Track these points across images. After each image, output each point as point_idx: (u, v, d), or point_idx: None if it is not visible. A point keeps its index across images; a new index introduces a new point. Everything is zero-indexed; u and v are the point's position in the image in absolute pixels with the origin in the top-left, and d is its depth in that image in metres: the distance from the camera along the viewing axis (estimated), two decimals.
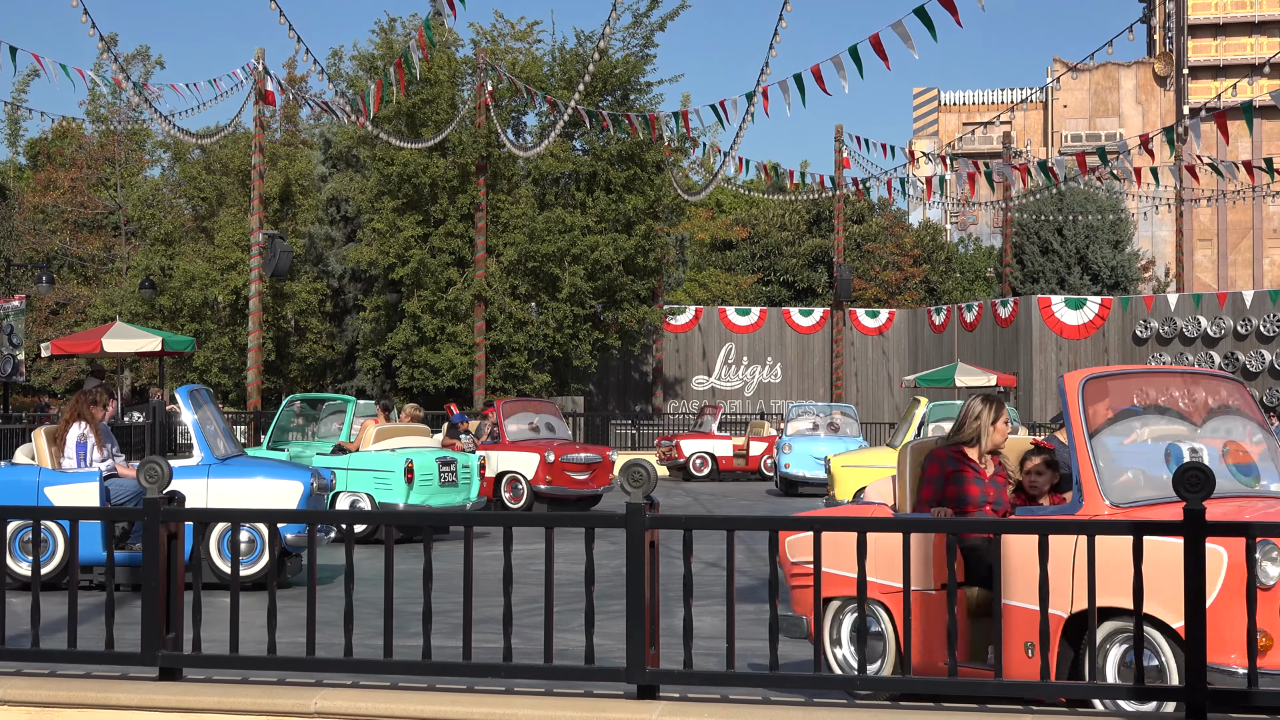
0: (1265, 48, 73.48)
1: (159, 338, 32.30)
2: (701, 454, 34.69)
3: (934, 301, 58.55)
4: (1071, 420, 7.44)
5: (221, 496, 13.66)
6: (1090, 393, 7.52)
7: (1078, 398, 7.45)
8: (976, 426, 8.14)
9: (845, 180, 45.46)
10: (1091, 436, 7.38)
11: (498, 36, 43.87)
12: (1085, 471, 7.30)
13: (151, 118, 34.72)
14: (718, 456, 34.57)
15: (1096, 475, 7.28)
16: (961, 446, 8.14)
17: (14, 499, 13.14)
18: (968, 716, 6.31)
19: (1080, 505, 7.28)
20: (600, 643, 7.11)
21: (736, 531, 6.91)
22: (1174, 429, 7.73)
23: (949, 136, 75.13)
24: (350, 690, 6.95)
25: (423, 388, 40.87)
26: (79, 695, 6.99)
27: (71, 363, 46.55)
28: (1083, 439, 7.36)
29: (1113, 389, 7.76)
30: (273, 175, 45.19)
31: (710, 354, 49.59)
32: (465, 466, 19.96)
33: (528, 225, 41.46)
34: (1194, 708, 6.18)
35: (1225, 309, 42.28)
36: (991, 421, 8.13)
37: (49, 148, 57.54)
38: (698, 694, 6.89)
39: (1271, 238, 75.58)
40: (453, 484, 19.49)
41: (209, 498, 13.65)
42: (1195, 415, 7.81)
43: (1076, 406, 7.43)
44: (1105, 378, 7.77)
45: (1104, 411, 7.57)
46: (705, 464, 34.59)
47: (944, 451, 8.12)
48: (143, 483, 7.29)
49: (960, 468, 8.04)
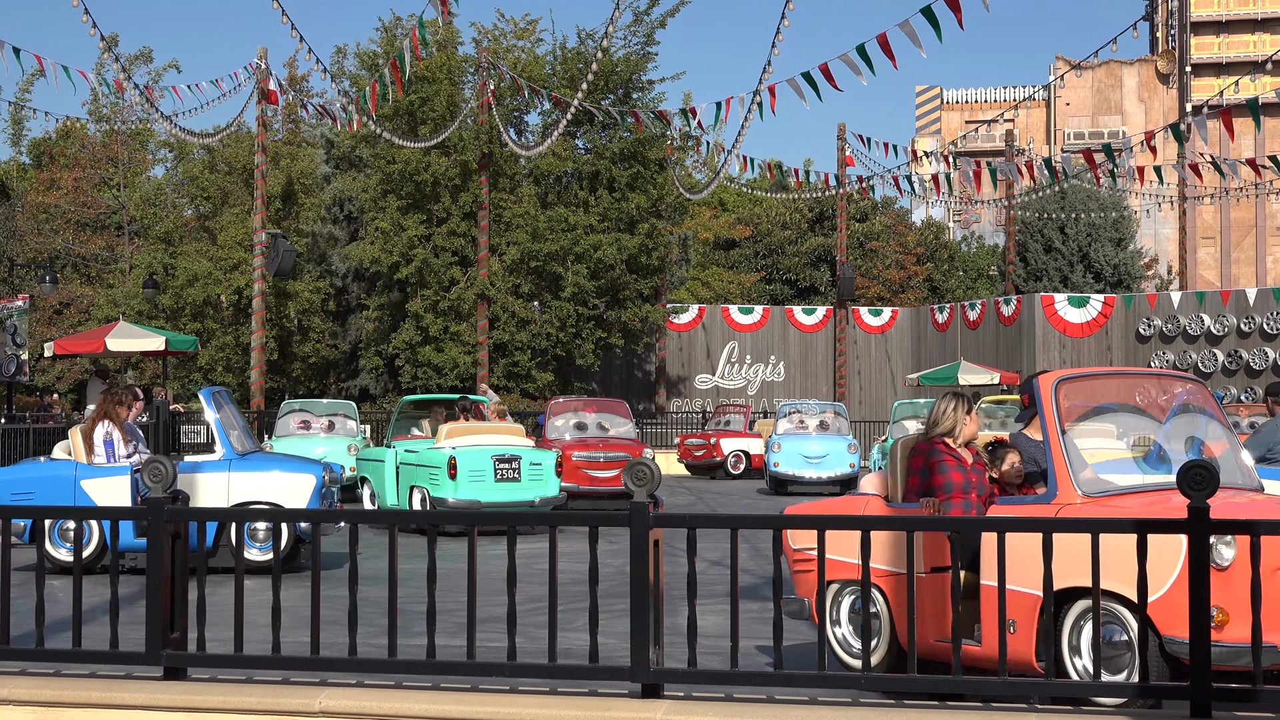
0: (1268, 45, 73.43)
1: (162, 337, 32.32)
2: (738, 452, 35.06)
3: (937, 300, 58.53)
4: (1046, 418, 8.01)
5: (241, 488, 14.98)
6: (1062, 392, 8.15)
7: (1051, 397, 8.04)
8: (952, 419, 8.76)
9: (849, 179, 45.44)
10: (1064, 433, 7.95)
11: (499, 35, 43.88)
12: (1059, 465, 7.87)
13: (154, 118, 34.75)
14: (751, 455, 34.83)
15: (1069, 468, 7.84)
16: (942, 438, 8.74)
17: (54, 491, 14.44)
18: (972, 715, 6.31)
19: (1055, 495, 7.84)
20: (604, 642, 7.12)
21: (740, 530, 6.92)
22: (1140, 426, 8.53)
23: (952, 135, 75.10)
24: (355, 689, 6.96)
25: (425, 387, 40.87)
26: (83, 695, 7.00)
27: (75, 362, 46.58)
28: (1056, 435, 7.93)
29: (1082, 389, 8.56)
30: (275, 174, 45.20)
31: (713, 353, 49.59)
32: (535, 464, 19.98)
33: (530, 224, 41.47)
34: (1199, 705, 6.20)
35: (1229, 307, 42.26)
36: (963, 415, 8.78)
37: (52, 147, 57.56)
38: (702, 693, 6.89)
39: (1275, 235, 75.54)
40: (513, 480, 19.59)
41: (230, 490, 14.94)
42: (1158, 413, 8.52)
43: (1050, 405, 8.01)
44: (1076, 379, 8.48)
45: (1075, 410, 8.23)
46: (741, 462, 34.89)
47: (925, 444, 8.73)
48: (146, 482, 7.30)
49: (943, 458, 8.63)
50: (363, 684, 7.15)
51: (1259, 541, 6.24)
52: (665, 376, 48.36)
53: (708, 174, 45.80)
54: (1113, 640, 7.23)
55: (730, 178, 44.66)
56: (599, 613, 6.93)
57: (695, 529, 6.89)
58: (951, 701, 6.72)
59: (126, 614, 8.00)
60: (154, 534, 7.25)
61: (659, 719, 6.39)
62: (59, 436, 23.25)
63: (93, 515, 11.47)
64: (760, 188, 53.41)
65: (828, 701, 6.68)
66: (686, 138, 39.89)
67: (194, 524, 7.52)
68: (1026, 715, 6.36)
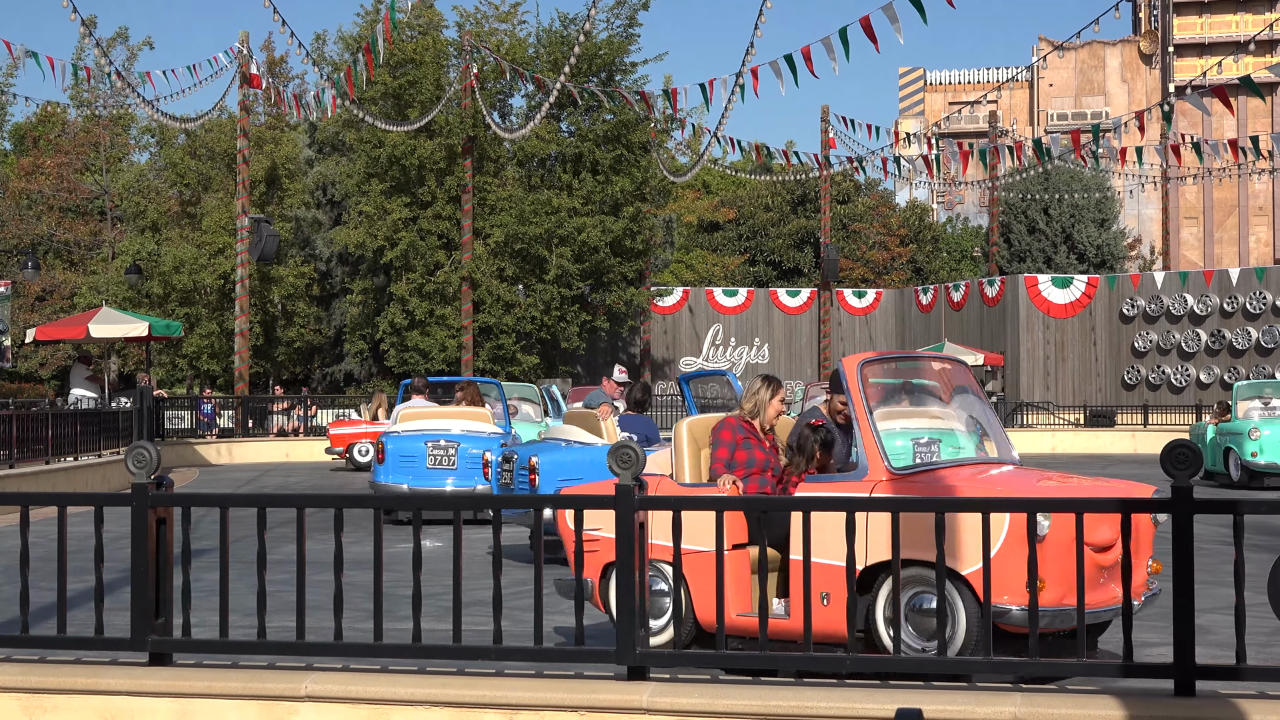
0: (1250, 25, 73.49)
1: (146, 323, 32.26)
2: None
3: (921, 281, 58.58)
4: (854, 398, 8.34)
5: None
6: (867, 373, 8.51)
7: (857, 378, 8.37)
8: (756, 401, 9.10)
9: (832, 161, 45.44)
10: (871, 412, 8.30)
11: (481, 19, 43.80)
12: (869, 442, 8.22)
13: (136, 103, 34.63)
14: None
15: (879, 445, 8.21)
16: (746, 418, 9.10)
17: None
18: (957, 694, 6.34)
19: (866, 473, 8.18)
20: (590, 624, 7.13)
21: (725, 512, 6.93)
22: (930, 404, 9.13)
23: (935, 116, 75.07)
24: (341, 674, 6.95)
25: (412, 371, 40.84)
26: (69, 681, 6.99)
27: (58, 349, 46.48)
28: (864, 413, 8.28)
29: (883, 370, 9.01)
30: (259, 159, 45.09)
31: (698, 335, 49.61)
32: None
33: (515, 207, 41.43)
34: (1182, 684, 6.23)
35: (1211, 287, 42.36)
36: (769, 398, 9.12)
37: (34, 132, 57.32)
38: (687, 675, 6.91)
39: (1257, 215, 75.68)
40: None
41: None
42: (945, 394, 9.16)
43: (857, 386, 8.34)
44: (878, 361, 8.86)
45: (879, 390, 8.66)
46: None
47: (734, 420, 9.07)
48: (130, 468, 7.27)
49: (748, 436, 9.01)
50: (348, 668, 7.14)
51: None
52: (650, 359, 48.38)
53: (692, 156, 45.74)
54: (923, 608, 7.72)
55: (714, 160, 44.64)
56: (584, 596, 6.93)
57: (680, 511, 6.90)
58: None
59: (112, 600, 7.98)
60: (138, 520, 7.24)
61: (645, 701, 6.40)
62: None
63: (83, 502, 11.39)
64: (744, 170, 53.43)
65: (812, 682, 6.69)
66: (670, 120, 39.84)
67: None
68: (1011, 695, 6.38)
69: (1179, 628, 6.26)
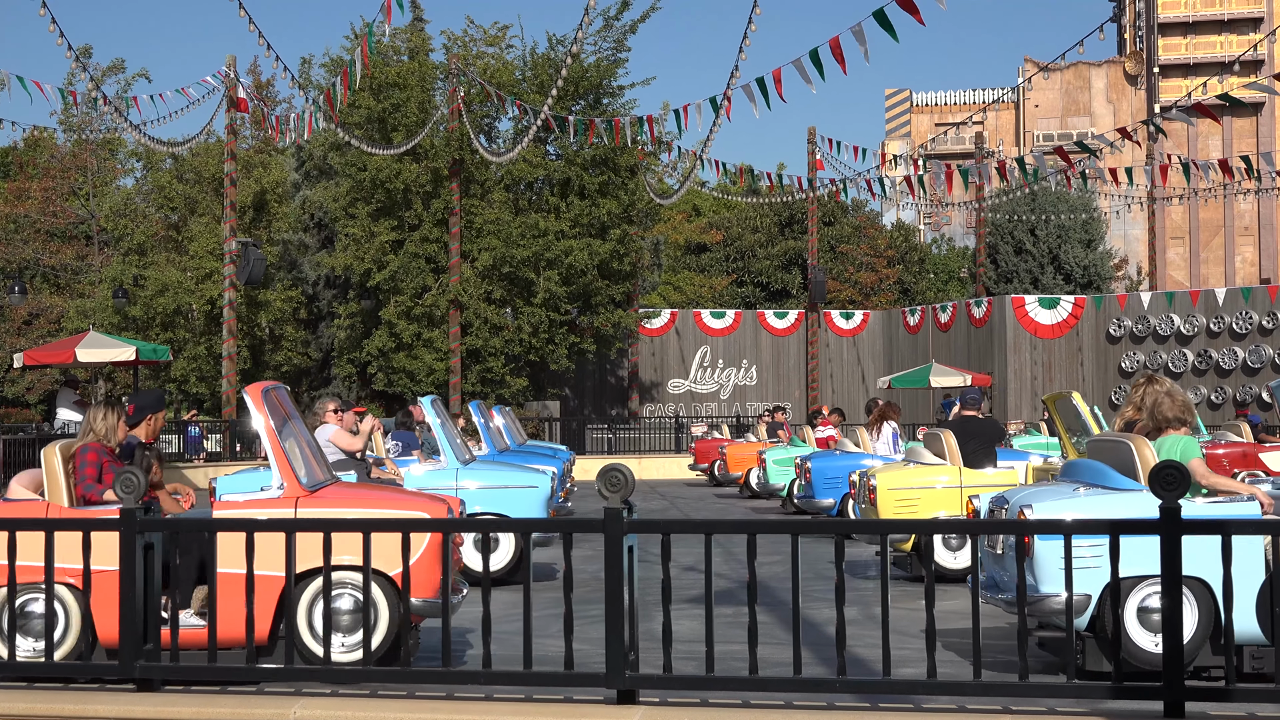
0: (1235, 45, 73.84)
1: (133, 347, 32.18)
2: None
3: (908, 302, 58.65)
4: (263, 423, 8.98)
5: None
6: (269, 400, 9.15)
7: (262, 404, 9.02)
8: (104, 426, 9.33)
9: (819, 182, 45.51)
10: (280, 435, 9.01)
11: (469, 42, 43.84)
12: (281, 463, 8.93)
13: (123, 127, 34.61)
14: None
15: (291, 465, 8.96)
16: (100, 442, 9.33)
17: None
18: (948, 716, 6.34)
19: (284, 489, 8.87)
20: (579, 648, 7.12)
21: (714, 535, 6.93)
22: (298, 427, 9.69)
23: (922, 137, 75.27)
24: (329, 699, 6.94)
25: (400, 394, 40.81)
26: (56, 707, 6.97)
27: (45, 373, 46.36)
28: (274, 436, 8.95)
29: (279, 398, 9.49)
30: (246, 184, 45.08)
31: (686, 357, 49.62)
32: None
33: (502, 230, 41.45)
34: (1172, 704, 6.23)
35: (1198, 307, 42.46)
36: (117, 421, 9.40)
37: (21, 157, 57.27)
38: (677, 698, 6.90)
39: (1243, 235, 75.93)
40: None
41: None
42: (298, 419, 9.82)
43: (263, 411, 9.00)
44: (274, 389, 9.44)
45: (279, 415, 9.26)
46: None
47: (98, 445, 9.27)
48: (118, 494, 7.26)
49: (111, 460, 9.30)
50: (337, 693, 7.13)
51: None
52: (638, 381, 48.38)
53: (679, 179, 45.80)
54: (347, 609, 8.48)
55: (701, 182, 44.69)
56: (574, 619, 6.93)
57: (669, 534, 6.90)
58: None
59: None
60: (126, 546, 7.22)
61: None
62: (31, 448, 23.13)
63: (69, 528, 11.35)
64: (732, 192, 53.49)
65: (803, 705, 6.69)
66: (658, 143, 39.89)
67: None
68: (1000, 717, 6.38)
69: (1168, 648, 6.26)
